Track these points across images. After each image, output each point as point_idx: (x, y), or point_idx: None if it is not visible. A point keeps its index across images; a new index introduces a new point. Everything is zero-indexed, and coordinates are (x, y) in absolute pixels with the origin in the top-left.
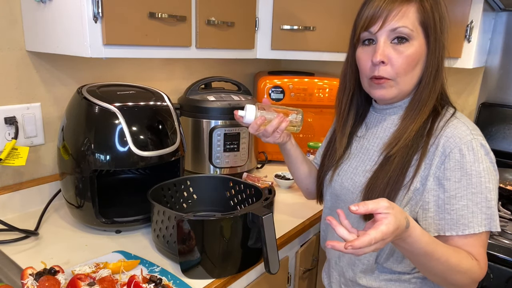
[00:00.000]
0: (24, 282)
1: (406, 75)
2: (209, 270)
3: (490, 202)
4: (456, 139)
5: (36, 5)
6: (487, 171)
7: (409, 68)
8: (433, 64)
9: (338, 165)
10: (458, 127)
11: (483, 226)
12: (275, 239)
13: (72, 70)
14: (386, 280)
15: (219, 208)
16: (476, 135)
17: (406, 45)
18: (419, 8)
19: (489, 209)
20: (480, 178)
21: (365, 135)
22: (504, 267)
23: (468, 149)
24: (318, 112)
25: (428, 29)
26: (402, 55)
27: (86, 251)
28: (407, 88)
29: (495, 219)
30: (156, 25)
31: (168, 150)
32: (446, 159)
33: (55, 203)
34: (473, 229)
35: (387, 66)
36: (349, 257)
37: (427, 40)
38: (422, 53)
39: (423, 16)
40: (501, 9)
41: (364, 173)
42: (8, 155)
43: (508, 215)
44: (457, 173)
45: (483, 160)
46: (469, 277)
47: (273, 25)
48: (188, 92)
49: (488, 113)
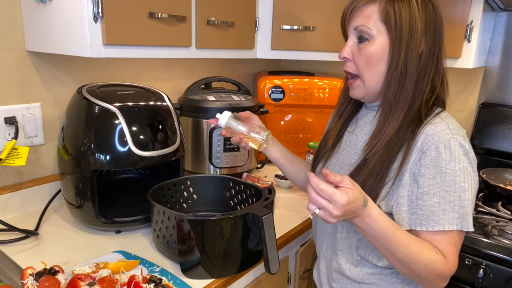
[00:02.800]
0: (24, 282)
1: (368, 72)
2: (209, 270)
3: (463, 201)
4: (434, 137)
5: (36, 5)
6: (463, 171)
7: (368, 65)
8: (397, 64)
9: (328, 158)
10: (439, 126)
11: (454, 224)
12: (275, 239)
13: (72, 70)
14: (369, 274)
15: (219, 208)
16: (456, 134)
17: (365, 44)
18: (383, 8)
19: (462, 208)
20: (455, 177)
21: (354, 130)
22: (504, 267)
23: (445, 148)
24: (318, 112)
25: (389, 29)
26: (361, 52)
27: (86, 251)
28: (373, 85)
29: (467, 218)
30: (156, 25)
31: (168, 150)
32: (423, 156)
33: (55, 203)
34: (443, 226)
35: (351, 62)
36: (333, 248)
37: (390, 40)
38: (384, 52)
39: (385, 15)
40: (501, 9)
41: (348, 167)
42: (8, 155)
43: (508, 215)
44: (432, 170)
45: (460, 160)
46: (432, 271)
47: (273, 25)
48: (188, 92)
49: (488, 113)
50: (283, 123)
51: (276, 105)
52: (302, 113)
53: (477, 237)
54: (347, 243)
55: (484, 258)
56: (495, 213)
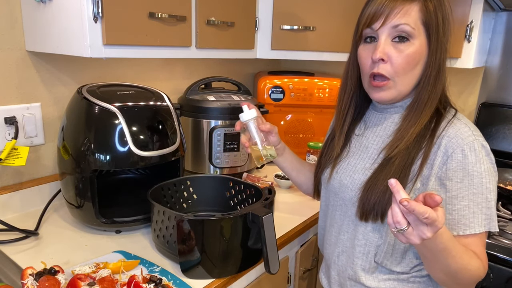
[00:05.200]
0: (24, 282)
1: (405, 75)
2: (209, 270)
3: (490, 202)
4: (458, 140)
5: (36, 5)
6: (488, 171)
7: (408, 67)
8: (433, 65)
9: (336, 163)
10: (461, 128)
11: (483, 226)
12: (275, 239)
13: (72, 70)
14: (385, 280)
15: (219, 208)
16: (477, 136)
17: (406, 44)
18: (422, 8)
19: (489, 209)
20: (482, 179)
21: (364, 133)
22: (504, 267)
23: (470, 150)
24: (318, 112)
25: (430, 30)
26: (402, 53)
27: (86, 251)
28: (405, 88)
29: (494, 219)
30: (156, 25)
31: (168, 150)
32: (449, 160)
33: (55, 203)
34: (474, 229)
35: (386, 64)
36: (348, 255)
37: (428, 41)
38: (422, 53)
39: (425, 15)
40: (501, 9)
41: (363, 171)
42: (8, 155)
43: (508, 215)
44: (459, 174)
45: (484, 161)
46: (475, 276)
47: (273, 25)
48: (188, 92)
49: (488, 113)
50: (283, 123)
51: (276, 105)
52: (302, 113)
53: None
54: (364, 250)
55: None
56: None
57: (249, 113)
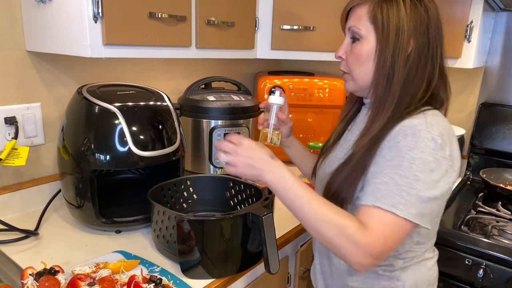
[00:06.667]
0: (24, 282)
1: (357, 70)
2: (209, 270)
3: (413, 190)
4: (406, 127)
5: (36, 5)
6: (424, 162)
7: (357, 63)
8: (384, 63)
9: (327, 154)
10: (417, 118)
11: (395, 207)
12: (275, 239)
13: (72, 70)
14: (365, 277)
15: (219, 208)
16: (430, 128)
17: (357, 44)
18: (372, 9)
19: (408, 195)
20: (412, 165)
21: (351, 128)
22: (504, 267)
23: (412, 135)
24: (318, 112)
25: (376, 30)
26: (352, 51)
27: (86, 251)
28: (363, 82)
29: (410, 207)
30: (156, 25)
31: (168, 150)
32: (391, 141)
33: (55, 203)
34: (382, 204)
35: (344, 61)
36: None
37: (377, 40)
38: (372, 52)
39: (373, 16)
40: (501, 9)
41: (339, 161)
42: (8, 155)
43: (508, 215)
44: (392, 153)
45: (426, 152)
46: (344, 235)
47: (273, 25)
48: (188, 92)
49: (488, 113)
50: None
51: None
52: (302, 113)
53: (477, 237)
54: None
55: (484, 258)
56: (495, 213)
57: (277, 99)
